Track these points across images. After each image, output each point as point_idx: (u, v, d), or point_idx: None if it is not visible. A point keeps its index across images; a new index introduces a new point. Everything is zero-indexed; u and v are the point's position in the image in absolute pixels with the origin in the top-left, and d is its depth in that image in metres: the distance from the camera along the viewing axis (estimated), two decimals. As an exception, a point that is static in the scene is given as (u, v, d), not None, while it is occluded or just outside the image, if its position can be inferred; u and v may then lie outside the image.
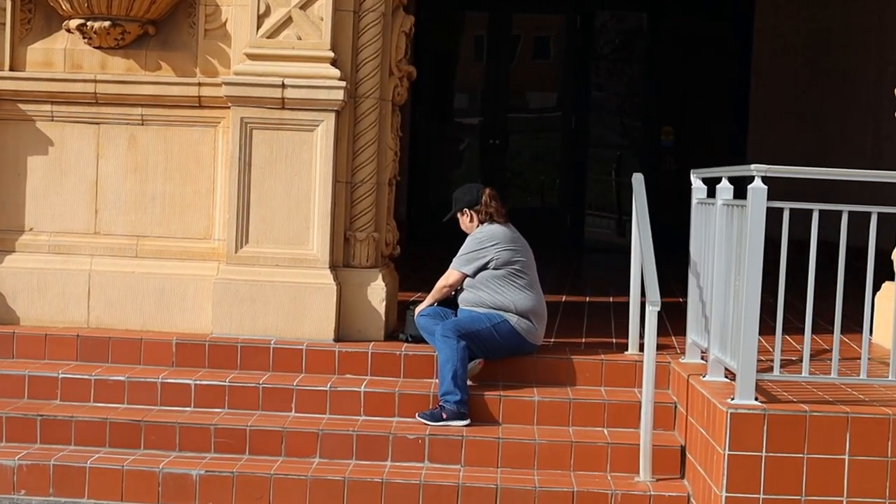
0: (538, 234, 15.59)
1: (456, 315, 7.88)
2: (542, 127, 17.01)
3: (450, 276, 7.81)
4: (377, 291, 8.18)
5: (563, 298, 11.04)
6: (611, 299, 11.18)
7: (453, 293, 7.92)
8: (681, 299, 10.94)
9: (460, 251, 7.83)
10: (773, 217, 6.34)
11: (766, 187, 6.34)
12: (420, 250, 13.98)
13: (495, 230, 7.81)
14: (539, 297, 7.89)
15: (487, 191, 7.97)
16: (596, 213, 16.98)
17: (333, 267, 8.17)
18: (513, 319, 7.70)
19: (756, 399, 6.34)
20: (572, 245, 16.30)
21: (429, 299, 7.95)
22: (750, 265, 6.33)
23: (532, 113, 17.03)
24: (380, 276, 8.23)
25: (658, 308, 7.02)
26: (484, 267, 7.74)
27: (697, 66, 16.21)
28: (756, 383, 6.36)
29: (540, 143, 17.14)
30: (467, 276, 7.76)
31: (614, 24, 17.20)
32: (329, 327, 8.02)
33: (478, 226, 7.90)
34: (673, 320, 8.87)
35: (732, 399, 6.35)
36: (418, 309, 7.97)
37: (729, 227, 6.86)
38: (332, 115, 8.03)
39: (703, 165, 7.98)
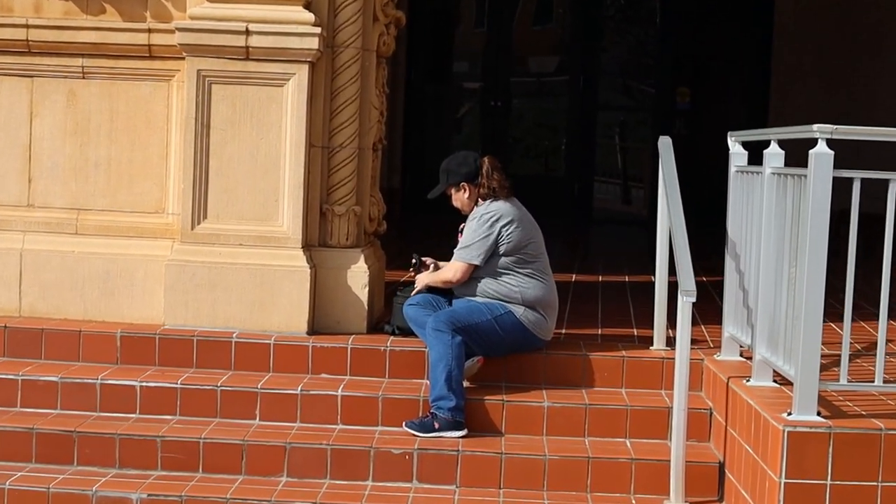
0: (543, 203, 14.77)
1: (450, 304, 6.69)
2: (546, 89, 16.14)
3: (456, 271, 6.57)
4: (359, 275, 6.98)
5: (574, 278, 9.86)
6: (626, 278, 10.01)
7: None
8: (704, 278, 9.83)
9: (464, 239, 6.61)
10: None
11: (832, 152, 5.16)
12: (414, 223, 12.83)
13: (503, 207, 6.59)
14: (551, 284, 6.69)
15: (487, 160, 6.75)
16: (603, 180, 16.10)
17: (307, 246, 6.97)
18: (518, 311, 6.50)
19: (818, 414, 5.15)
20: (580, 215, 15.27)
21: (420, 284, 6.75)
22: (812, 248, 5.14)
23: (536, 76, 16.20)
24: (362, 258, 7.02)
25: (693, 299, 5.82)
26: (493, 253, 6.53)
27: (713, 24, 14.99)
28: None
29: (545, 106, 16.21)
30: (477, 266, 6.55)
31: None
32: (302, 318, 6.83)
33: (476, 203, 6.66)
34: (700, 306, 7.62)
35: (789, 414, 5.16)
36: (413, 294, 6.77)
37: (780, 201, 5.68)
38: (306, 68, 6.81)
39: (719, 130, 6.75)
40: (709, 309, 7.60)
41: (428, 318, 6.50)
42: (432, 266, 6.83)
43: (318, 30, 6.79)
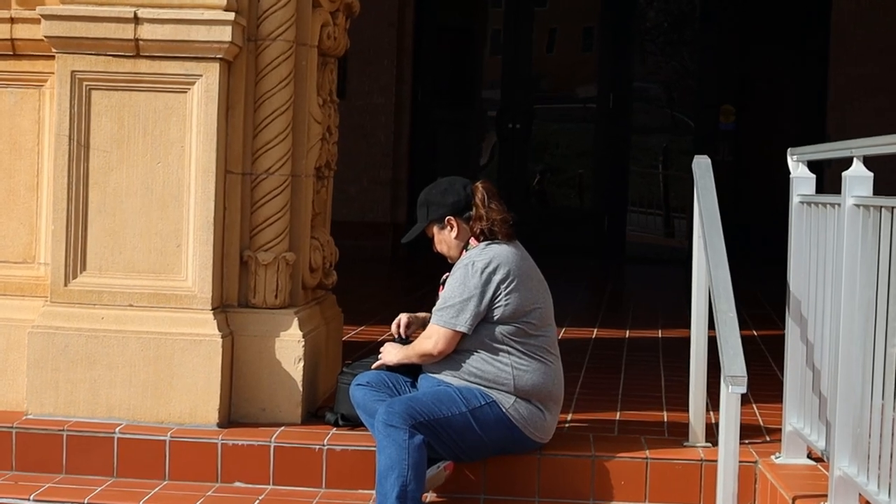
0: (568, 240, 13.37)
1: (414, 386, 4.90)
2: (573, 110, 14.56)
3: (437, 340, 4.75)
4: (290, 346, 5.19)
5: (594, 333, 8.06)
6: (659, 333, 8.19)
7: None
8: (754, 332, 8.03)
9: (447, 294, 4.80)
10: None
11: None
12: (421, 265, 11.02)
13: (503, 254, 4.78)
14: (556, 368, 4.87)
15: (481, 186, 4.94)
16: (640, 211, 14.57)
17: (222, 308, 5.21)
18: (506, 402, 4.70)
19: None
20: (610, 253, 13.47)
21: (387, 358, 4.96)
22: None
23: (562, 95, 14.73)
24: (295, 322, 5.24)
25: (743, 389, 4.01)
26: (483, 318, 4.73)
27: (760, 38, 13.24)
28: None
29: (570, 130, 14.64)
30: (464, 334, 4.74)
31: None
32: (210, 404, 5.06)
33: (467, 245, 4.87)
34: (751, 373, 5.79)
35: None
36: (373, 368, 5.01)
37: (869, 245, 3.88)
38: (217, 68, 5.07)
39: (767, 154, 4.94)
40: (763, 379, 5.81)
41: (381, 404, 4.73)
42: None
43: (231, 16, 5.04)
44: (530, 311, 4.76)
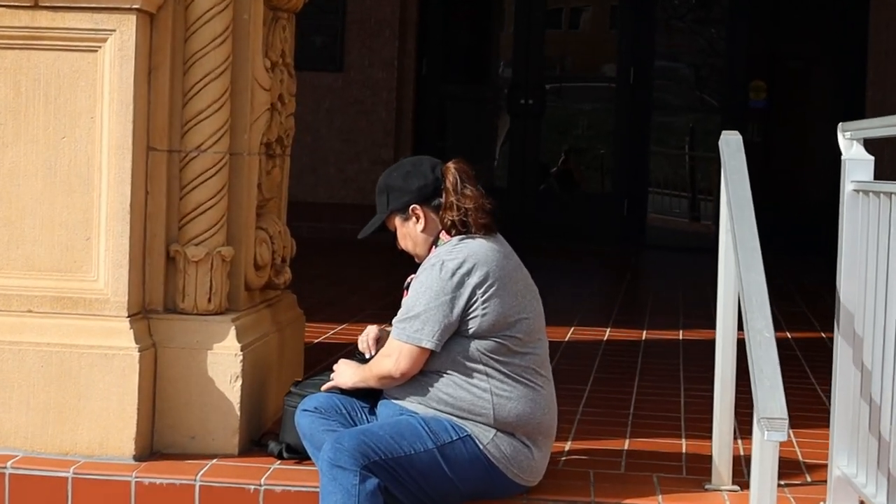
0: (584, 226, 12.46)
1: (373, 413, 3.97)
2: (594, 89, 13.90)
3: (399, 358, 3.79)
4: (226, 360, 4.26)
5: (606, 335, 7.13)
6: (680, 335, 7.26)
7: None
8: (788, 335, 7.10)
9: (409, 301, 3.85)
10: None
11: None
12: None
13: (479, 251, 3.82)
14: (548, 393, 3.91)
15: (453, 167, 3.97)
16: (663, 192, 13.92)
17: (143, 313, 4.28)
18: (485, 436, 3.76)
19: None
20: (630, 239, 12.52)
21: (340, 380, 4.02)
22: None
23: (582, 73, 14.14)
24: (232, 331, 4.30)
25: (783, 436, 3.06)
26: (455, 331, 3.79)
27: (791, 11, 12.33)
28: None
29: (592, 110, 14.01)
30: (431, 351, 3.79)
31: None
32: (125, 432, 4.13)
33: (436, 241, 3.93)
34: (786, 381, 4.81)
35: None
36: (323, 389, 4.09)
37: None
38: (133, 21, 4.13)
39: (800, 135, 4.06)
40: (802, 396, 4.92)
41: (329, 435, 3.80)
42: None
43: (152, -43, 4.10)
44: (514, 322, 3.80)
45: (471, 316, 3.76)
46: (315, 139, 12.00)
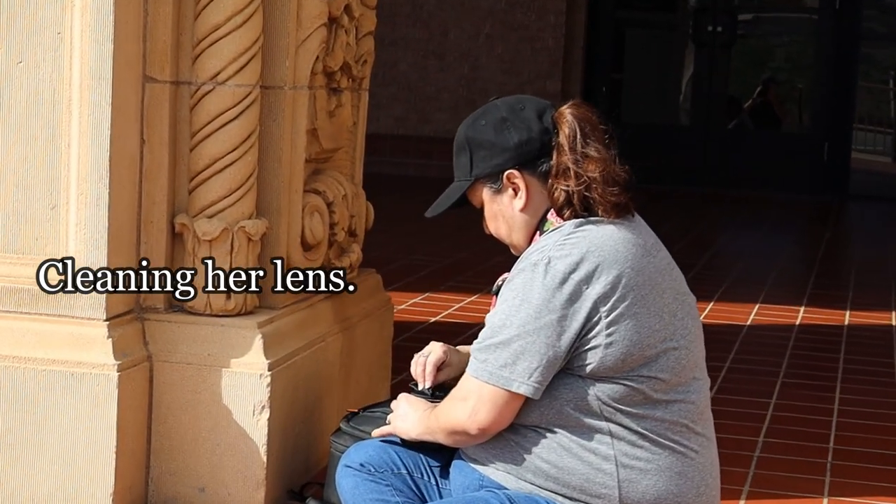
0: (777, 171, 11.11)
1: (444, 476, 2.63)
2: (793, 20, 12.95)
3: (476, 407, 2.42)
4: (248, 383, 2.99)
5: (799, 317, 5.73)
6: (893, 318, 5.81)
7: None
8: None
9: (494, 320, 2.45)
10: None
11: None
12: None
13: (603, 244, 2.41)
14: (703, 460, 2.49)
15: (569, 113, 2.54)
16: (866, 128, 12.76)
17: (136, 312, 3.04)
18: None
19: None
20: (831, 188, 11.31)
21: (399, 428, 2.67)
22: None
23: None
24: (258, 340, 3.02)
25: None
26: (566, 367, 2.42)
27: None
28: None
29: (783, 39, 13.06)
30: (526, 398, 2.42)
31: None
32: (101, 484, 2.92)
33: (542, 223, 2.54)
34: None
35: None
36: (374, 435, 2.76)
37: None
38: None
39: None
40: None
41: (380, 505, 2.52)
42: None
43: None
44: (656, 354, 2.42)
45: (589, 346, 2.38)
46: (473, 69, 11.13)
